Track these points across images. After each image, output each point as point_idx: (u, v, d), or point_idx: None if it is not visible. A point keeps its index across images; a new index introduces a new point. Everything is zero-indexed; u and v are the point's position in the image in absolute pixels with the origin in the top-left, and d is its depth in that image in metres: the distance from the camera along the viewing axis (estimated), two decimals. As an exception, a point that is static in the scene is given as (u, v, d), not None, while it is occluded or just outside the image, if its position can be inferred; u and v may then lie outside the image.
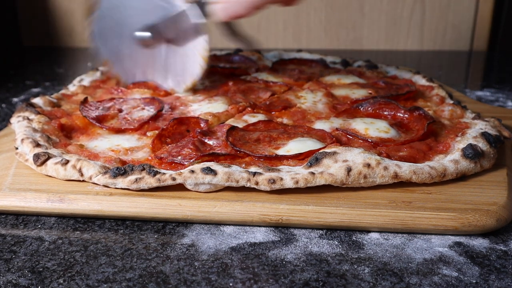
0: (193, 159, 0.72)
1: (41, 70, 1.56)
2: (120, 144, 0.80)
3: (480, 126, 0.80)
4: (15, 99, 1.23)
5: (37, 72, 1.53)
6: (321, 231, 0.64)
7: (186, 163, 0.71)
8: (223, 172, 0.66)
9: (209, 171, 0.66)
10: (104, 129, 0.86)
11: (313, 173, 0.66)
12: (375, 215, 0.63)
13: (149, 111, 0.92)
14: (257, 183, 0.66)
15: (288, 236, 0.63)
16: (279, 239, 0.63)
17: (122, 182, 0.68)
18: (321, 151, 0.70)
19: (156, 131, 0.83)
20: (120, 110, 0.93)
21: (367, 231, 0.64)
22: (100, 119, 0.89)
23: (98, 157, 0.75)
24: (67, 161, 0.72)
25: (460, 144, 0.74)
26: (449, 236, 0.63)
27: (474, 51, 1.79)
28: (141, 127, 0.87)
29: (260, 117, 0.89)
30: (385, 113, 0.87)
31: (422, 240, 0.62)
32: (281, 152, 0.74)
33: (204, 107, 0.95)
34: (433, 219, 0.62)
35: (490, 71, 1.64)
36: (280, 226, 0.65)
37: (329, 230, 0.65)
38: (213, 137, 0.80)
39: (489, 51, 1.80)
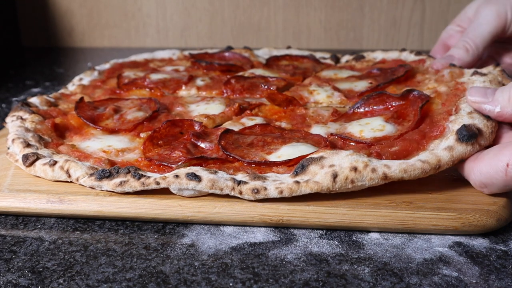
0: (181, 162, 0.71)
1: (41, 70, 1.56)
2: (112, 145, 0.79)
3: (477, 84, 0.77)
4: (15, 99, 1.23)
5: (37, 72, 1.53)
6: (321, 231, 0.64)
7: (174, 166, 0.70)
8: (207, 179, 0.65)
9: (194, 177, 0.65)
10: (98, 129, 0.85)
11: (298, 182, 0.65)
12: (375, 215, 0.63)
13: (145, 112, 0.91)
14: (240, 193, 0.65)
15: (288, 236, 0.63)
16: (279, 239, 0.63)
17: (107, 184, 0.67)
18: (307, 157, 0.68)
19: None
20: (116, 111, 0.92)
21: (367, 231, 0.64)
22: (95, 119, 0.88)
23: (89, 157, 0.75)
24: (55, 162, 0.71)
25: (455, 124, 0.70)
26: (449, 236, 0.63)
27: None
28: (135, 128, 0.85)
29: (258, 120, 0.87)
30: (380, 107, 0.85)
31: (422, 240, 0.62)
32: (272, 157, 0.72)
33: (201, 108, 0.94)
34: (433, 219, 0.62)
35: (490, 71, 1.64)
36: (280, 226, 0.65)
37: (329, 230, 0.65)
38: (207, 139, 0.79)
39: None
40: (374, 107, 0.86)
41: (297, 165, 0.67)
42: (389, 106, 0.84)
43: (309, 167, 0.66)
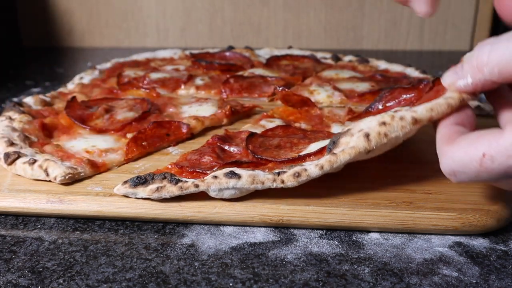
0: (215, 168, 0.69)
1: (41, 70, 1.55)
2: (96, 145, 0.79)
3: None
4: (15, 99, 1.23)
5: (37, 72, 1.53)
6: (321, 231, 0.64)
7: (208, 172, 0.68)
8: (247, 175, 0.64)
9: (233, 174, 0.64)
10: (86, 129, 0.85)
11: (334, 154, 0.64)
12: (375, 215, 0.63)
13: (136, 112, 0.90)
14: (282, 181, 0.64)
15: (288, 236, 0.63)
16: (279, 239, 0.63)
17: (143, 191, 0.66)
18: (335, 134, 0.68)
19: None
20: (108, 110, 0.92)
21: (367, 231, 0.64)
22: (85, 119, 0.88)
23: (71, 157, 0.74)
24: (35, 161, 0.71)
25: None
26: (449, 236, 0.63)
27: (474, 51, 1.79)
28: (123, 128, 0.85)
29: (277, 122, 0.86)
30: (393, 103, 0.84)
31: (422, 240, 0.62)
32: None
33: (193, 109, 0.93)
34: (433, 219, 0.62)
35: (490, 71, 1.64)
36: (280, 226, 0.65)
37: (329, 230, 0.65)
38: (233, 143, 0.77)
39: (489, 51, 1.79)
40: (387, 104, 0.85)
41: (328, 143, 0.66)
42: (402, 100, 0.83)
43: (340, 140, 0.65)
